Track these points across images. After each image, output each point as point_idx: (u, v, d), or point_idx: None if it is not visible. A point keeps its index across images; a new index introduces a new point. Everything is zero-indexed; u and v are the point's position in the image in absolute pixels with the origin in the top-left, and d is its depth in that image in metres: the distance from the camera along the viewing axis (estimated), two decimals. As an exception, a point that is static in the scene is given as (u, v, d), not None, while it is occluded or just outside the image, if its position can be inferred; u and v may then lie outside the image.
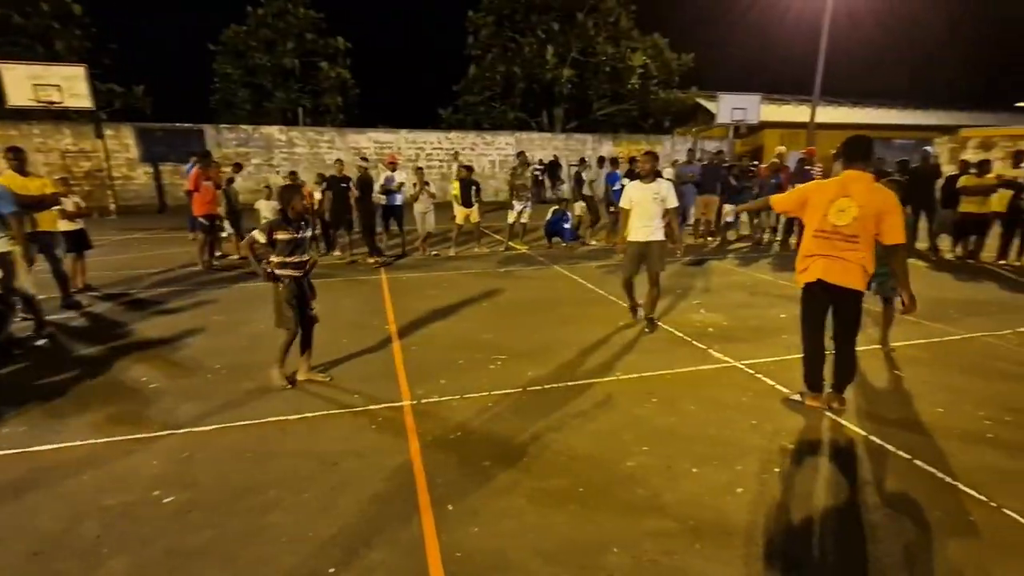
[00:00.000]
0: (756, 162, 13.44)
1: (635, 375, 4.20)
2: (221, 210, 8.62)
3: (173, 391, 3.92)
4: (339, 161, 9.20)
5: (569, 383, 4.05)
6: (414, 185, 8.95)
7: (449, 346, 4.86)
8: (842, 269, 3.28)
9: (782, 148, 11.54)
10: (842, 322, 3.42)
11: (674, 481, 2.83)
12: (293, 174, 9.79)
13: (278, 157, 18.35)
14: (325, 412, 3.58)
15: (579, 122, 24.35)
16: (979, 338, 5.02)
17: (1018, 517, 2.53)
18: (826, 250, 3.32)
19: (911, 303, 3.36)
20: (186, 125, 17.50)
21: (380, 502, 2.64)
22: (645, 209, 5.06)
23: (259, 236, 3.78)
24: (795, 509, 2.61)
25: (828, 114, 24.26)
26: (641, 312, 5.44)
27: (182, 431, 3.33)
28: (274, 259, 3.81)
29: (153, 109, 20.80)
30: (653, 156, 5.14)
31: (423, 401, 3.74)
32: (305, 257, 3.92)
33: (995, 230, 8.73)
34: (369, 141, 19.07)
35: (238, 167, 11.38)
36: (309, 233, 3.97)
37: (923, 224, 9.61)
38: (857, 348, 4.74)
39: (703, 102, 24.72)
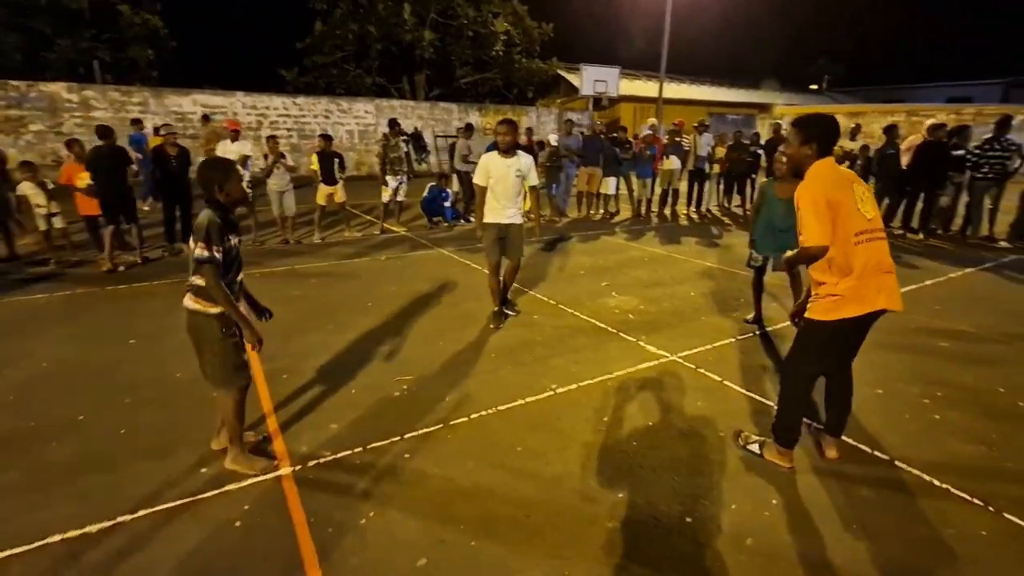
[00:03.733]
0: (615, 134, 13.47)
1: (573, 386, 3.53)
2: None
3: None
4: (105, 129, 6.22)
5: (500, 407, 3.24)
6: (265, 157, 7.25)
7: (333, 370, 3.75)
8: (894, 286, 2.46)
9: (653, 120, 11.70)
10: (855, 348, 2.65)
11: (670, 541, 2.20)
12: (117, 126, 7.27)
13: (69, 123, 14.53)
14: (153, 509, 2.35)
15: (442, 91, 23.02)
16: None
17: (1018, 520, 2.32)
18: (879, 259, 2.39)
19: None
20: (-81, 78, 12.98)
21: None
22: (506, 187, 4.36)
23: (202, 251, 2.29)
24: (819, 563, 2.12)
25: (672, 90, 25.89)
26: (508, 317, 4.78)
27: None
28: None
29: None
30: (512, 125, 4.32)
31: (311, 464, 2.68)
32: (241, 274, 2.59)
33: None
34: (195, 104, 15.89)
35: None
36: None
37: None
38: (772, 328, 4.68)
39: (564, 74, 24.85)
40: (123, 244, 7.07)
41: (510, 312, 4.85)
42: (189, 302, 2.42)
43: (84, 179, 6.42)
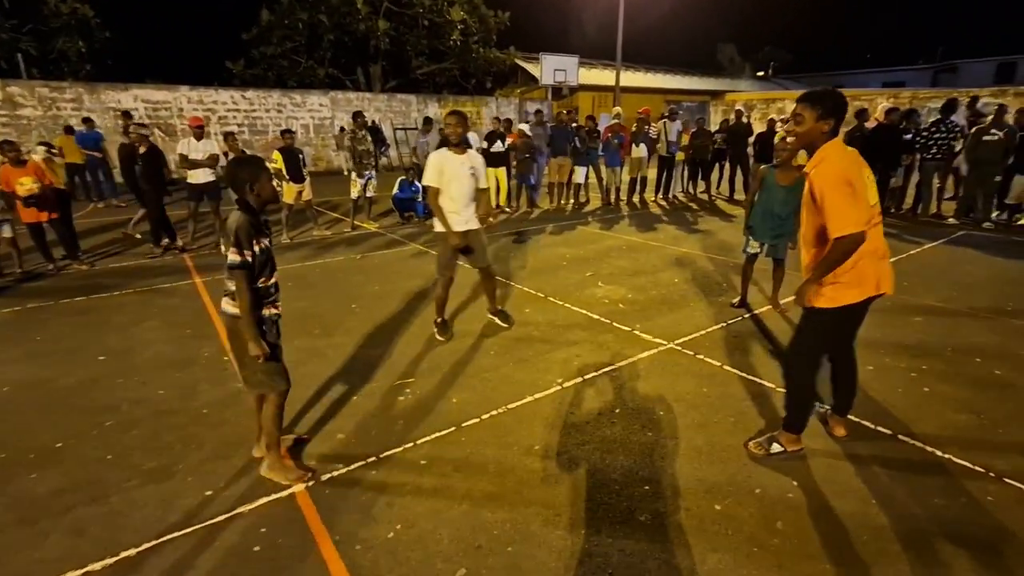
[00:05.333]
0: (575, 122, 13.41)
1: (578, 379, 3.51)
2: None
3: None
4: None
5: (510, 405, 3.19)
6: (225, 155, 6.89)
7: (329, 376, 3.60)
8: (890, 270, 2.50)
9: (619, 109, 11.78)
10: (856, 330, 2.70)
11: (704, 532, 2.21)
12: (126, 114, 6.92)
13: (-7, 122, 13.39)
14: (160, 539, 2.18)
15: (399, 82, 22.50)
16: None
17: (1020, 485, 2.46)
18: (876, 244, 2.39)
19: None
20: None
21: None
22: (461, 187, 3.93)
23: (234, 256, 2.24)
24: (849, 540, 2.18)
25: (629, 78, 26.22)
26: (452, 330, 4.35)
27: None
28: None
29: None
30: (462, 117, 3.91)
31: (324, 477, 2.55)
32: (276, 277, 2.49)
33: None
34: (136, 100, 14.94)
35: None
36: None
37: (739, 176, 10.71)
38: (758, 311, 4.80)
39: (521, 63, 24.72)
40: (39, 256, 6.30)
41: (503, 324, 4.42)
42: (227, 306, 2.41)
43: (25, 184, 5.93)
